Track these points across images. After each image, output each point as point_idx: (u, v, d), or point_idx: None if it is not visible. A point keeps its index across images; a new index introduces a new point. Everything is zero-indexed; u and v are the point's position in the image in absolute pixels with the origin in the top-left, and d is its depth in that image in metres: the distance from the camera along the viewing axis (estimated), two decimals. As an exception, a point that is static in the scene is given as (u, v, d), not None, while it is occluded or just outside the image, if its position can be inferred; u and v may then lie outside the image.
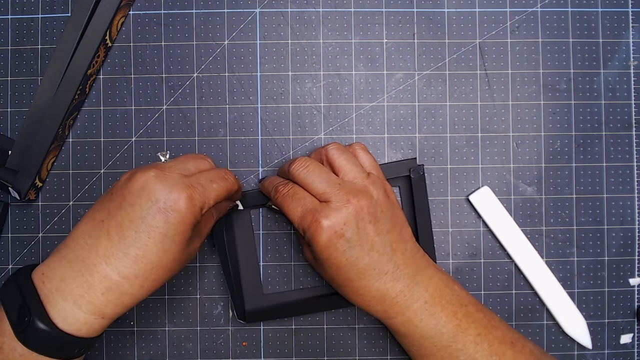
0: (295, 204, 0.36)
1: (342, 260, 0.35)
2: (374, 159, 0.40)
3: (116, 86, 0.44)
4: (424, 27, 0.44)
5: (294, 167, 0.37)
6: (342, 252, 0.34)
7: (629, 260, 0.44)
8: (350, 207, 0.34)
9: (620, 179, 0.44)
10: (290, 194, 0.36)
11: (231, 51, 0.44)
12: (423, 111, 0.44)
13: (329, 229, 0.34)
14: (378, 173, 0.39)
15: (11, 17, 0.44)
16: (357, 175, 0.36)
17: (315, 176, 0.36)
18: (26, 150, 0.41)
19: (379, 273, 0.35)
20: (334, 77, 0.44)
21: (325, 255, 0.35)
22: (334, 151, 0.37)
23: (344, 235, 0.34)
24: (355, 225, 0.34)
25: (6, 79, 0.44)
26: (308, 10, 0.44)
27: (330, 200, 0.35)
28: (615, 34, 0.44)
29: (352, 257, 0.35)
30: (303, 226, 0.35)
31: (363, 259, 0.35)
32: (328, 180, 0.36)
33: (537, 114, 0.44)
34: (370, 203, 0.35)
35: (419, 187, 0.42)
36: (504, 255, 0.43)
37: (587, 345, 0.43)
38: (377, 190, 0.36)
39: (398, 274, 0.36)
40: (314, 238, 0.34)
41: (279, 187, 0.37)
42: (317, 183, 0.36)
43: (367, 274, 0.35)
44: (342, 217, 0.34)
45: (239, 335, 0.43)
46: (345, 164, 0.37)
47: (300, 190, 0.36)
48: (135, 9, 0.44)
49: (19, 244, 0.43)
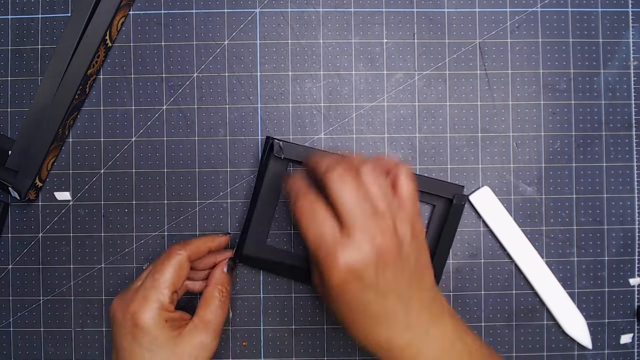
0: (314, 225, 0.31)
1: (354, 302, 0.31)
2: (415, 190, 0.34)
3: (116, 86, 0.44)
4: (424, 27, 0.44)
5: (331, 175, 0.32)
6: (355, 295, 0.31)
7: (629, 260, 0.44)
8: (372, 247, 0.30)
9: (620, 179, 0.44)
10: (310, 211, 0.32)
11: (231, 51, 0.44)
12: (423, 111, 0.44)
13: (345, 268, 0.30)
14: (413, 207, 0.33)
15: (11, 17, 0.44)
16: (387, 208, 0.32)
17: (348, 193, 0.31)
18: (26, 150, 0.41)
19: (391, 321, 0.32)
20: (334, 77, 0.44)
21: (336, 293, 0.31)
22: (368, 174, 0.32)
23: (360, 277, 0.31)
24: (374, 268, 0.31)
25: (6, 79, 0.44)
26: (308, 10, 0.44)
27: (353, 233, 0.30)
28: (615, 34, 0.44)
29: (365, 300, 0.31)
30: (318, 255, 0.31)
31: (376, 303, 0.31)
32: (361, 205, 0.31)
33: (537, 114, 0.44)
34: (395, 245, 0.31)
35: (455, 215, 0.42)
36: (504, 255, 0.43)
37: (587, 345, 0.43)
38: (405, 230, 0.32)
39: (410, 323, 0.32)
40: (327, 273, 0.31)
41: (300, 198, 0.33)
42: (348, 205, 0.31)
43: (377, 320, 0.32)
44: (363, 257, 0.30)
45: (239, 335, 0.43)
46: (377, 192, 0.32)
47: (322, 210, 0.32)
48: (135, 9, 0.44)
49: (19, 244, 0.43)
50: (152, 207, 0.44)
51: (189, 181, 0.44)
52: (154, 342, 0.34)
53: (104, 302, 0.43)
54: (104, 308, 0.43)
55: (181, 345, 0.34)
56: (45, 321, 0.43)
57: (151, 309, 0.34)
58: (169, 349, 0.34)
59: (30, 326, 0.43)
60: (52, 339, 0.43)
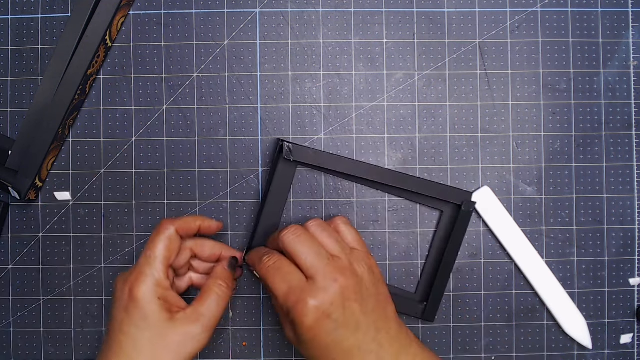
0: (280, 279, 0.35)
1: (328, 341, 0.34)
2: (358, 233, 0.39)
3: (116, 86, 0.44)
4: (424, 27, 0.44)
5: (285, 234, 0.36)
6: (328, 333, 0.33)
7: (629, 260, 0.44)
8: (336, 287, 0.34)
9: (620, 179, 0.44)
10: (275, 267, 0.35)
11: (231, 51, 0.44)
12: (423, 111, 0.44)
13: (315, 310, 0.33)
14: (362, 248, 0.38)
15: (11, 17, 0.44)
16: (341, 252, 0.36)
17: (305, 247, 0.35)
18: (26, 150, 0.41)
19: (364, 353, 0.34)
20: (334, 77, 0.44)
21: (310, 336, 0.34)
22: (315, 227, 0.36)
23: (330, 315, 0.33)
24: (341, 305, 0.34)
25: (6, 79, 0.44)
26: (308, 10, 0.44)
27: (317, 278, 0.34)
28: (615, 34, 0.44)
29: (338, 337, 0.34)
30: (288, 304, 0.34)
31: (348, 339, 0.34)
32: (318, 253, 0.35)
33: (537, 114, 0.44)
34: (355, 282, 0.35)
35: (463, 222, 0.42)
36: (504, 255, 0.43)
37: (587, 345, 0.43)
38: (361, 268, 0.36)
39: (382, 354, 0.34)
40: (299, 319, 0.33)
41: (264, 259, 0.36)
42: (306, 255, 0.35)
43: (351, 354, 0.34)
44: (329, 297, 0.33)
45: (239, 335, 0.43)
46: (328, 240, 0.36)
47: (286, 264, 0.35)
48: (135, 9, 0.44)
49: (19, 244, 0.43)
50: (152, 207, 0.44)
51: (189, 181, 0.44)
52: (144, 319, 0.34)
53: (104, 302, 0.43)
54: (104, 308, 0.43)
55: (169, 331, 0.35)
56: (45, 321, 0.43)
57: (145, 283, 0.35)
58: (157, 330, 0.34)
59: (30, 326, 0.43)
60: (52, 339, 0.43)
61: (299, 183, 0.43)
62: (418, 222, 0.44)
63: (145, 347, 0.34)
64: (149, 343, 0.34)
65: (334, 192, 0.44)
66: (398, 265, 0.44)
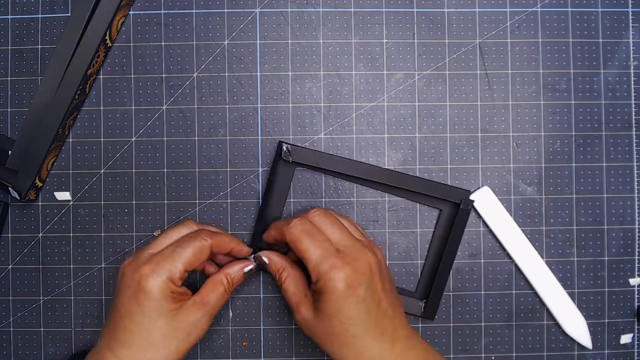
0: (315, 243, 0.35)
1: (354, 312, 0.34)
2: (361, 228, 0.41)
3: (116, 86, 0.44)
4: (424, 27, 0.44)
5: (313, 213, 0.37)
6: (356, 304, 0.34)
7: (629, 260, 0.44)
8: (366, 259, 0.35)
9: (620, 179, 0.44)
10: (309, 232, 0.36)
11: (231, 51, 0.44)
12: (423, 111, 0.44)
13: (348, 277, 0.34)
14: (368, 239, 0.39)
15: (11, 17, 0.44)
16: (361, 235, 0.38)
17: (334, 225, 0.37)
18: (26, 150, 0.41)
19: (382, 333, 0.35)
20: (334, 77, 0.44)
21: (337, 305, 0.34)
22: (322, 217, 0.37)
23: (360, 286, 0.34)
24: (369, 278, 0.35)
25: (6, 79, 0.44)
26: (308, 10, 0.44)
27: (347, 251, 0.35)
28: (615, 34, 0.44)
29: (362, 311, 0.34)
30: (320, 269, 0.34)
31: (371, 314, 0.34)
32: (344, 231, 0.37)
33: (537, 114, 0.44)
34: (377, 260, 0.36)
35: (462, 220, 0.42)
36: (504, 255, 0.43)
37: (587, 345, 0.43)
38: (378, 251, 0.37)
39: (396, 336, 0.35)
40: (332, 284, 0.34)
41: (298, 222, 0.36)
42: (334, 231, 0.36)
43: (371, 331, 0.34)
44: (361, 267, 0.34)
45: (239, 335, 0.43)
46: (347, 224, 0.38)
47: (318, 231, 0.36)
48: (135, 9, 0.44)
49: (19, 244, 0.43)
50: (152, 207, 0.44)
51: (189, 181, 0.44)
52: (155, 310, 0.34)
53: (104, 302, 0.43)
54: (104, 308, 0.43)
55: (178, 318, 0.35)
56: (45, 321, 0.43)
57: (160, 277, 0.35)
58: (167, 320, 0.35)
59: (30, 326, 0.43)
60: (52, 339, 0.43)
61: (299, 183, 0.44)
62: (418, 222, 0.44)
63: (156, 337, 0.34)
64: (159, 333, 0.34)
65: (334, 192, 0.44)
66: (398, 265, 0.44)
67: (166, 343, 0.34)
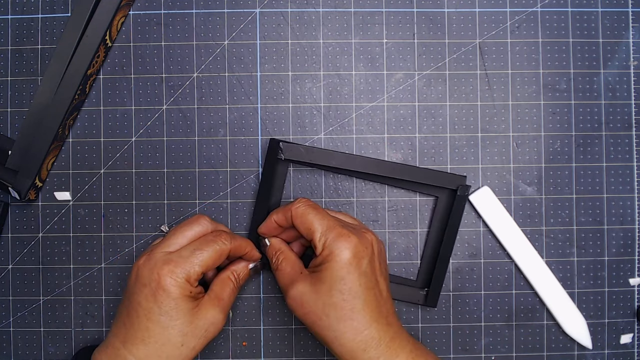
0: (323, 216, 0.36)
1: (356, 284, 0.34)
2: None
3: (116, 86, 0.44)
4: (424, 27, 0.44)
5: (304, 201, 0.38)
6: (358, 276, 0.35)
7: (629, 260, 0.44)
8: (368, 236, 0.36)
9: (620, 179, 0.44)
10: (317, 207, 0.37)
11: (231, 51, 0.44)
12: (423, 111, 0.44)
13: (355, 247, 0.35)
14: None
15: (11, 17, 0.44)
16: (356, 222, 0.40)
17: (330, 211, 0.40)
18: (26, 150, 0.41)
19: (379, 312, 0.35)
20: (334, 77, 0.44)
21: (340, 274, 0.34)
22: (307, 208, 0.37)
23: (364, 258, 0.35)
24: (371, 253, 0.36)
25: (6, 79, 0.44)
26: (308, 10, 0.44)
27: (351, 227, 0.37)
28: (615, 34, 0.44)
29: (363, 285, 0.35)
30: (327, 237, 0.35)
31: (370, 291, 0.35)
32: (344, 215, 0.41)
33: (537, 114, 0.44)
34: (379, 242, 0.38)
35: (459, 206, 0.41)
36: (504, 255, 0.43)
37: (587, 345, 0.43)
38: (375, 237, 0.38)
39: (390, 319, 0.36)
40: (339, 252, 0.35)
41: (302, 200, 0.38)
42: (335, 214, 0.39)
43: (369, 308, 0.35)
44: (365, 240, 0.36)
45: (239, 335, 0.43)
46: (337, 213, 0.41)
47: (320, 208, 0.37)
48: (135, 9, 0.44)
49: (19, 244, 0.43)
50: (152, 207, 0.44)
51: (189, 181, 0.44)
52: (174, 308, 0.35)
53: (104, 302, 0.43)
54: (104, 308, 0.43)
55: (197, 317, 0.36)
56: (45, 321, 0.43)
57: (179, 277, 0.35)
58: (187, 319, 0.35)
59: (30, 326, 0.43)
60: (52, 339, 0.43)
61: (299, 183, 0.44)
62: (418, 222, 0.44)
63: (174, 335, 0.35)
64: (178, 331, 0.35)
65: (334, 192, 0.44)
66: (398, 265, 0.44)
67: (185, 341, 0.35)
